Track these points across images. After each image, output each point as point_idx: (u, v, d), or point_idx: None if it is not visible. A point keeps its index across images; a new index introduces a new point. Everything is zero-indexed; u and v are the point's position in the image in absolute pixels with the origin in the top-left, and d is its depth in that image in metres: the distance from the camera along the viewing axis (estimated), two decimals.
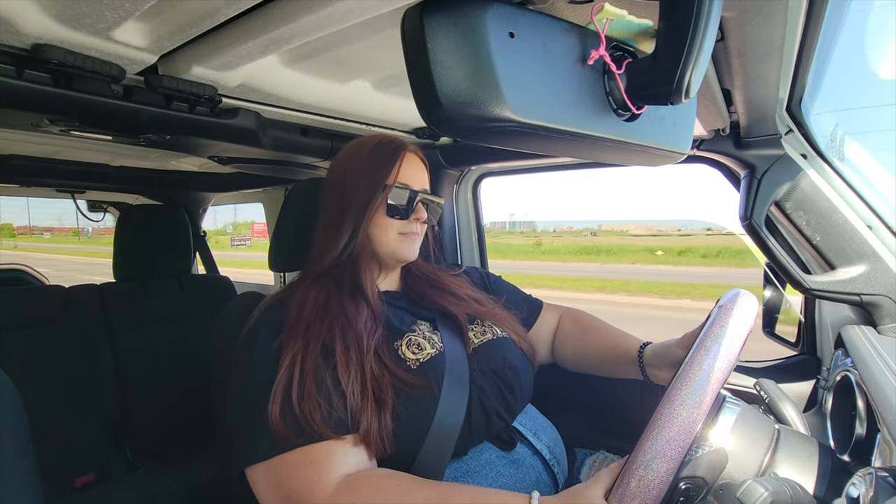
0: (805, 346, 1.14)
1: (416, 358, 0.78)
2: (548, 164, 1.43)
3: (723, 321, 0.61)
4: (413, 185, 0.86)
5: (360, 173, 0.84)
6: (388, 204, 0.84)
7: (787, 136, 0.95)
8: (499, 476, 0.76)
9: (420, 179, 0.88)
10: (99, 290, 1.70)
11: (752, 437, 0.61)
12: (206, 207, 2.45)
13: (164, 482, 1.46)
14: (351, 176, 0.85)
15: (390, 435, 0.69)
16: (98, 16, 0.61)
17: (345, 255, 0.84)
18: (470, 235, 1.68)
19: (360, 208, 0.83)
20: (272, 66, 0.85)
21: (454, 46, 0.41)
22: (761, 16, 0.55)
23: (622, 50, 0.52)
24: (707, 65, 0.45)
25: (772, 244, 0.95)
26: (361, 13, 0.56)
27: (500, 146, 0.48)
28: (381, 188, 0.83)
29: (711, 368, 0.56)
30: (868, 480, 0.48)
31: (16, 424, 0.67)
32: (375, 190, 0.83)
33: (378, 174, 0.83)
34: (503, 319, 0.95)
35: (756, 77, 0.72)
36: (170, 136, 1.07)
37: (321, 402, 0.67)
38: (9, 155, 1.41)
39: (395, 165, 0.84)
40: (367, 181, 0.83)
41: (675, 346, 0.84)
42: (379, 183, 0.83)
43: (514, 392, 0.84)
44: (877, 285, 0.89)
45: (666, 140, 0.59)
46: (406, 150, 0.87)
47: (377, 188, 0.83)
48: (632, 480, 0.53)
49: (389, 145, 0.87)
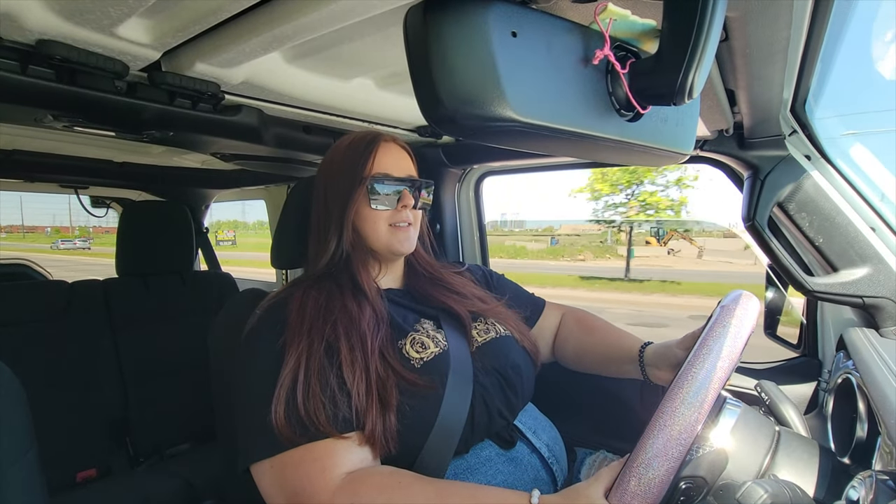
0: (806, 348, 1.13)
1: (420, 357, 0.78)
2: (550, 163, 1.43)
3: (725, 321, 0.61)
4: (394, 172, 0.85)
5: (338, 172, 0.84)
6: (370, 196, 0.83)
7: (790, 136, 0.95)
8: (497, 473, 0.76)
9: (401, 166, 0.87)
10: (102, 285, 1.71)
11: (752, 439, 0.61)
12: (209, 204, 2.46)
13: (165, 478, 1.47)
14: (330, 176, 0.86)
15: (395, 435, 0.69)
16: (102, 12, 0.61)
17: (337, 256, 0.84)
18: (472, 234, 1.68)
19: (342, 206, 0.83)
20: (275, 63, 0.85)
21: (456, 45, 0.40)
22: (766, 16, 0.55)
23: (625, 50, 0.51)
24: (711, 65, 0.45)
25: (774, 245, 0.94)
26: (364, 11, 0.56)
27: (503, 146, 0.47)
28: (359, 181, 0.83)
29: (714, 367, 0.56)
30: (868, 483, 0.48)
31: (19, 419, 0.68)
32: (353, 184, 0.82)
33: (355, 169, 0.83)
34: (506, 317, 0.94)
35: (760, 78, 0.71)
36: (173, 132, 1.07)
37: (326, 402, 0.67)
38: (12, 150, 1.42)
39: (370, 157, 0.84)
40: (345, 178, 0.83)
41: (675, 346, 0.84)
42: (356, 177, 0.83)
43: (515, 390, 0.84)
44: (879, 287, 0.89)
45: (669, 140, 0.59)
46: (380, 141, 0.86)
47: (355, 183, 0.83)
48: (632, 479, 0.53)
49: (363, 139, 0.86)
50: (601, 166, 1.44)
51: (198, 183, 2.15)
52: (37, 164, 1.54)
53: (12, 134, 1.21)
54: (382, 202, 0.84)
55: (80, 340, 1.57)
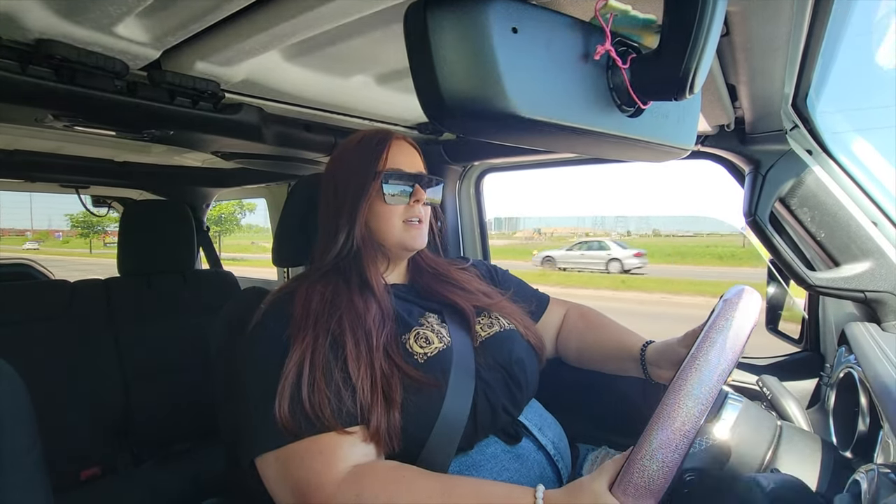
0: (808, 343, 1.13)
1: (424, 352, 0.78)
2: (551, 159, 1.43)
3: (728, 314, 0.61)
4: (406, 168, 0.86)
5: (350, 168, 0.84)
6: (384, 192, 0.83)
7: (792, 131, 0.94)
8: (503, 470, 0.76)
9: (413, 163, 0.87)
10: (103, 284, 1.71)
11: (754, 433, 0.61)
12: (210, 203, 2.46)
13: (168, 475, 1.48)
14: (341, 173, 0.85)
15: (398, 433, 0.70)
16: (101, 11, 0.61)
17: (345, 252, 0.84)
18: (473, 231, 1.68)
19: (355, 202, 0.82)
20: (275, 61, 0.85)
21: (457, 42, 0.40)
22: (767, 11, 0.54)
23: (626, 45, 0.51)
24: (712, 60, 0.44)
25: (776, 241, 0.94)
26: (364, 8, 0.56)
27: (504, 142, 0.47)
28: (373, 177, 0.82)
29: (717, 360, 0.56)
30: (870, 477, 0.48)
31: (22, 418, 0.68)
32: (367, 180, 0.82)
33: (368, 165, 0.83)
34: (511, 312, 0.94)
35: (761, 72, 0.71)
36: (173, 131, 1.07)
37: (330, 396, 0.67)
38: (13, 150, 1.42)
39: (384, 153, 0.84)
40: (358, 174, 0.83)
41: (677, 344, 0.84)
42: (370, 173, 0.82)
43: (520, 386, 0.84)
44: (881, 282, 0.89)
45: (670, 136, 0.59)
46: (393, 138, 0.86)
47: (368, 178, 0.82)
48: (636, 472, 0.53)
49: (375, 136, 0.86)
50: (602, 162, 1.43)
51: (198, 182, 2.16)
52: (37, 164, 1.54)
53: (12, 134, 1.21)
54: (396, 198, 0.84)
55: (82, 339, 1.57)
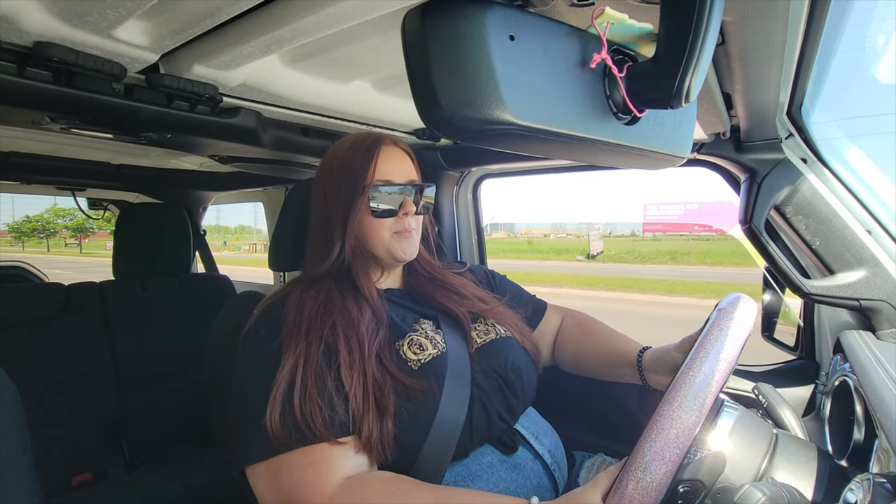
0: (804, 351, 1.14)
1: (418, 359, 0.77)
2: (547, 166, 1.43)
3: (722, 324, 0.61)
4: (395, 178, 0.84)
5: (338, 178, 0.82)
6: (371, 206, 0.81)
7: (787, 140, 0.95)
8: (500, 480, 0.75)
9: (403, 171, 0.85)
10: (98, 288, 1.70)
11: (750, 442, 0.61)
12: (207, 206, 2.46)
13: (162, 482, 1.46)
14: (330, 182, 0.83)
15: (391, 442, 0.69)
16: (100, 14, 0.61)
17: (338, 263, 0.83)
18: (470, 236, 1.68)
19: (343, 216, 0.81)
20: (273, 65, 0.85)
21: (454, 49, 0.40)
22: (762, 20, 0.55)
23: (622, 54, 0.52)
24: (707, 69, 0.45)
25: (771, 248, 0.94)
26: (363, 14, 0.56)
27: (501, 149, 0.48)
28: (360, 190, 0.81)
29: (711, 371, 0.56)
30: (865, 486, 0.48)
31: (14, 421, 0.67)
32: (355, 193, 0.80)
33: (355, 176, 0.81)
34: (507, 318, 0.93)
35: (757, 81, 0.72)
36: (170, 134, 1.07)
37: (322, 406, 0.66)
38: (9, 152, 1.41)
39: (371, 164, 0.81)
40: (346, 186, 0.81)
41: (673, 350, 0.84)
42: (357, 185, 0.80)
43: (516, 393, 0.83)
44: (876, 290, 0.89)
45: (666, 144, 0.59)
46: (381, 145, 0.83)
47: (356, 191, 0.80)
48: (630, 483, 0.53)
49: (364, 143, 0.83)
50: (598, 169, 1.44)
51: (195, 185, 2.15)
52: (34, 166, 1.53)
53: (9, 136, 1.21)
54: (384, 211, 0.82)
55: (76, 343, 1.56)
